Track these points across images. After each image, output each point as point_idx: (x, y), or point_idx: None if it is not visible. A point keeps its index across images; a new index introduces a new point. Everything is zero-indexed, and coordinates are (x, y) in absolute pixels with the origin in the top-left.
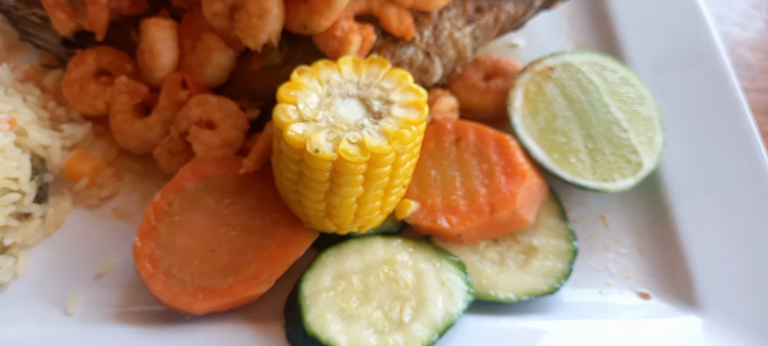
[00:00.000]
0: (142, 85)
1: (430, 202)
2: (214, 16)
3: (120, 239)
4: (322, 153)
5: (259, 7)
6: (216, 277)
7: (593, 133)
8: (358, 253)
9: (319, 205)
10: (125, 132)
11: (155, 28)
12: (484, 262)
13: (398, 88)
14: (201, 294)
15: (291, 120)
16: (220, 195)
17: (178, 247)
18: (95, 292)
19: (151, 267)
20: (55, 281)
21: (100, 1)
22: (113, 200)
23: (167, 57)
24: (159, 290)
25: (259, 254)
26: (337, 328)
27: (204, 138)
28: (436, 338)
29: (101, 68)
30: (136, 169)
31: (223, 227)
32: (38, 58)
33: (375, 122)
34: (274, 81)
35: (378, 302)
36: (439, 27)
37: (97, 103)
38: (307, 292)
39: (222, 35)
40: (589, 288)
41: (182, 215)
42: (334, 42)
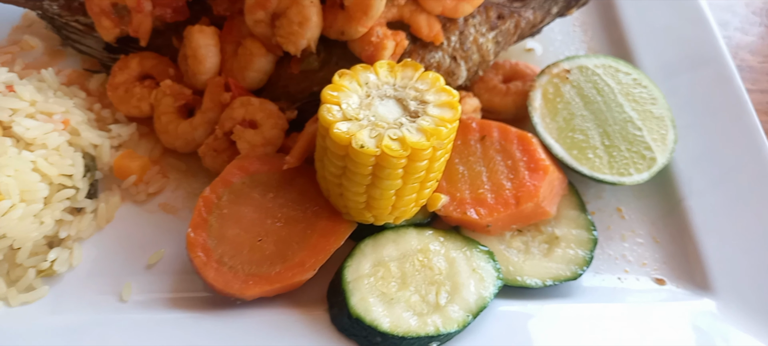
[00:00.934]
0: (185, 88)
1: (459, 195)
2: (256, 23)
3: (168, 232)
4: (367, 149)
5: (300, 15)
6: (264, 265)
7: (609, 131)
8: (394, 242)
9: (360, 197)
10: (171, 132)
11: (200, 34)
12: (511, 250)
13: (432, 89)
14: (251, 280)
15: (336, 119)
16: (265, 190)
17: (228, 237)
18: (147, 281)
19: (205, 256)
20: (108, 271)
21: (145, 10)
22: (159, 196)
23: (210, 62)
24: (213, 278)
25: (303, 244)
26: (380, 310)
27: (248, 137)
28: (470, 319)
29: (144, 72)
30: (180, 167)
31: (269, 219)
32: (80, 63)
33: (412, 120)
34: (311, 84)
35: (415, 287)
36: (464, 33)
37: (142, 105)
38: (350, 278)
39: (263, 41)
40: (608, 274)
41: (230, 207)
42: (370, 47)
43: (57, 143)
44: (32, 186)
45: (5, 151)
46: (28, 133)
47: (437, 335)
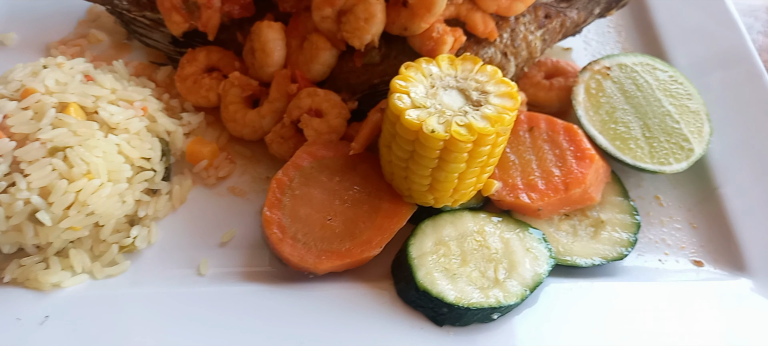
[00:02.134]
0: (252, 80)
1: (511, 181)
2: (323, 19)
3: (237, 213)
4: (437, 133)
5: (367, 12)
6: (335, 242)
7: (649, 123)
8: (452, 224)
9: (425, 180)
10: (238, 121)
11: (268, 29)
12: (559, 233)
13: (491, 81)
14: (324, 256)
15: (406, 106)
16: (331, 173)
17: (300, 216)
18: (222, 257)
19: (280, 233)
20: (184, 248)
21: (214, 6)
22: (228, 180)
23: (278, 55)
24: (288, 253)
25: (369, 223)
26: (445, 284)
27: (314, 125)
28: (528, 293)
29: (211, 65)
30: (246, 153)
31: (336, 201)
32: (145, 56)
33: (476, 109)
34: (371, 77)
35: (474, 264)
36: (515, 30)
37: (210, 96)
38: (414, 254)
39: (328, 36)
40: (650, 255)
41: (301, 189)
42: (431, 42)
43: (138, 128)
44: (118, 167)
45: (93, 134)
46: (113, 118)
47: (499, 306)
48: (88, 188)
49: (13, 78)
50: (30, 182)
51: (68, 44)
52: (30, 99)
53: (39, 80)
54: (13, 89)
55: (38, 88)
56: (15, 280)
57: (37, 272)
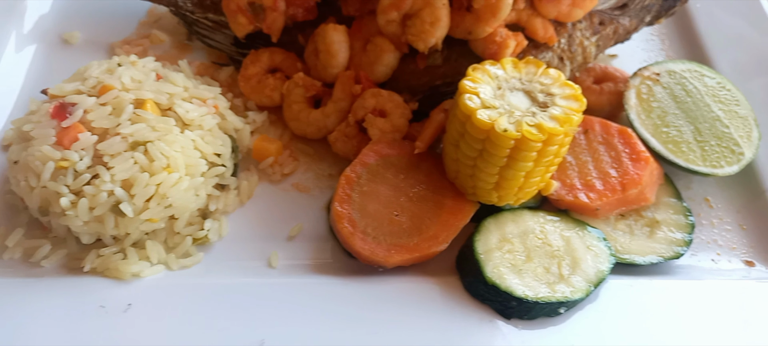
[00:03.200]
0: (315, 81)
1: (569, 181)
2: (389, 23)
3: (303, 208)
4: (509, 132)
5: (433, 16)
6: (403, 236)
7: (700, 128)
8: (513, 222)
9: (492, 178)
10: (302, 120)
11: (334, 32)
12: (616, 232)
13: (556, 84)
14: (393, 250)
15: (477, 106)
16: (396, 171)
17: (369, 211)
18: (290, 250)
19: (351, 227)
20: (254, 241)
21: (279, 9)
22: (292, 176)
23: (342, 56)
24: (359, 246)
25: (434, 220)
26: (512, 279)
27: (379, 124)
28: (592, 289)
29: (273, 66)
30: (308, 152)
31: (402, 197)
32: (206, 56)
33: (543, 110)
34: (432, 79)
35: (538, 260)
36: (572, 36)
37: (274, 95)
38: (481, 250)
39: (392, 39)
40: (703, 255)
41: (368, 185)
42: (494, 46)
43: (210, 125)
44: (194, 162)
45: (171, 130)
46: (188, 115)
47: (566, 301)
48: (167, 181)
49: (90, 75)
50: (113, 175)
51: (132, 44)
52: (108, 95)
53: (115, 77)
54: (90, 86)
55: (115, 84)
56: (95, 269)
57: (116, 262)
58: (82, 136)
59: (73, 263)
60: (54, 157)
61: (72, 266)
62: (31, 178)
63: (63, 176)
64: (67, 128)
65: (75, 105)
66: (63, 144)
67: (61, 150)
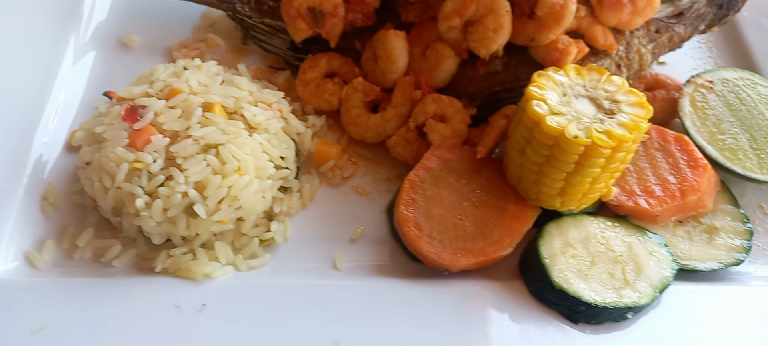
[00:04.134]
0: (374, 86)
1: (628, 187)
2: (450, 29)
3: (364, 211)
4: (580, 139)
5: (496, 23)
6: (468, 241)
7: (755, 135)
8: (575, 227)
9: (557, 183)
10: (361, 124)
11: (395, 38)
12: (675, 238)
13: (620, 91)
14: (459, 254)
15: (546, 113)
16: (458, 176)
17: (433, 215)
18: (353, 253)
19: (417, 231)
20: (317, 243)
21: (339, 14)
22: (351, 180)
23: (402, 62)
24: (426, 250)
25: (498, 224)
26: (579, 284)
27: (440, 129)
28: (657, 294)
29: (331, 71)
30: (366, 155)
31: (465, 202)
32: (261, 61)
33: (610, 117)
34: (491, 84)
35: (602, 266)
36: (630, 43)
37: (333, 100)
38: (546, 255)
39: (452, 45)
40: (761, 262)
41: (432, 189)
42: (556, 53)
43: (276, 129)
44: (263, 165)
45: (240, 133)
46: (255, 118)
47: (633, 306)
48: (238, 183)
49: (158, 78)
50: (187, 177)
51: (189, 48)
52: (176, 98)
53: (182, 81)
54: (157, 89)
55: (183, 88)
56: (166, 269)
57: (187, 262)
58: (155, 139)
59: (142, 263)
60: (128, 158)
61: (142, 266)
62: (106, 179)
63: (137, 178)
64: (139, 130)
65: (145, 107)
66: (136, 146)
67: (134, 152)
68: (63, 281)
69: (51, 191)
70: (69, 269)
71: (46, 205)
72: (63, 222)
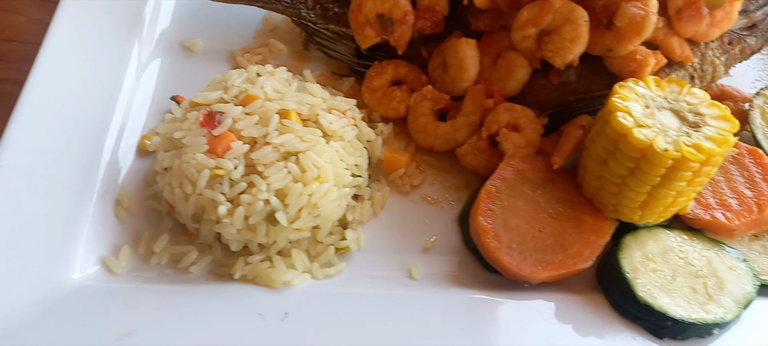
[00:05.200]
0: (443, 94)
1: (705, 200)
2: (524, 39)
3: (434, 220)
4: (669, 152)
5: (573, 33)
6: (548, 253)
7: None
8: (652, 240)
9: (640, 196)
10: (430, 132)
11: (466, 46)
12: (752, 253)
13: (702, 104)
14: (540, 266)
15: (632, 125)
16: (533, 186)
17: (511, 226)
18: (427, 262)
19: (497, 242)
20: (391, 252)
21: (408, 22)
22: (420, 188)
23: (473, 71)
24: (507, 261)
25: (576, 236)
26: (664, 298)
27: (513, 139)
28: (741, 311)
29: (397, 78)
30: (434, 163)
31: (541, 213)
32: (323, 67)
33: (696, 130)
34: (563, 94)
35: (683, 280)
36: (705, 55)
37: (400, 107)
38: (627, 268)
39: (525, 54)
40: None
41: (508, 200)
42: (634, 63)
43: (350, 136)
44: (341, 172)
45: (318, 141)
46: (331, 126)
47: (720, 322)
48: (318, 191)
49: (232, 84)
50: (269, 184)
51: (252, 53)
52: (253, 105)
53: (257, 87)
54: (233, 94)
55: (258, 94)
56: (244, 277)
57: (265, 270)
58: (235, 145)
59: (219, 269)
60: (209, 165)
61: (218, 272)
62: (186, 185)
63: (219, 184)
64: (218, 137)
65: (223, 113)
66: (216, 152)
67: (214, 158)
68: (144, 287)
69: (125, 195)
70: (146, 275)
71: (121, 210)
72: (137, 227)
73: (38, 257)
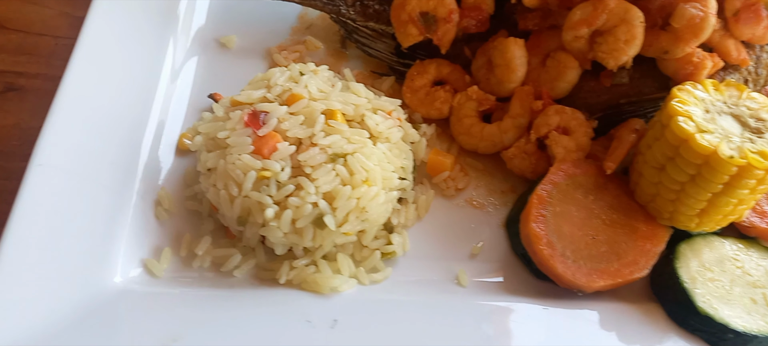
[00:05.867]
0: (489, 95)
1: (760, 208)
2: (576, 39)
3: (480, 225)
4: (735, 159)
5: (629, 34)
6: (603, 261)
7: None
8: (707, 248)
9: (700, 204)
10: (474, 134)
11: (514, 46)
12: None
13: (763, 109)
14: (595, 274)
15: (694, 130)
16: (585, 192)
17: (565, 233)
18: (475, 268)
19: (550, 249)
20: (437, 258)
21: (454, 20)
22: (465, 192)
23: (521, 71)
24: (561, 270)
25: (631, 244)
26: (725, 309)
27: (563, 142)
28: None
29: (440, 78)
30: (477, 166)
31: (594, 219)
32: (362, 65)
33: (759, 136)
34: (613, 97)
35: (741, 290)
36: (760, 58)
37: (444, 108)
38: (685, 278)
39: (576, 55)
40: None
41: (560, 205)
42: (690, 66)
43: (397, 138)
44: (389, 175)
45: (366, 142)
46: (378, 127)
47: None
48: (367, 194)
49: (275, 82)
50: (318, 187)
51: (288, 50)
52: (298, 104)
53: (301, 86)
54: (276, 93)
55: (303, 93)
56: (290, 282)
57: (312, 275)
58: (281, 146)
59: (262, 273)
60: (255, 166)
61: (262, 276)
62: (232, 186)
63: (266, 186)
64: (264, 137)
65: (268, 113)
66: (262, 153)
67: (260, 159)
68: (188, 291)
69: (165, 196)
70: (188, 278)
71: (161, 211)
72: (177, 228)
73: (80, 259)
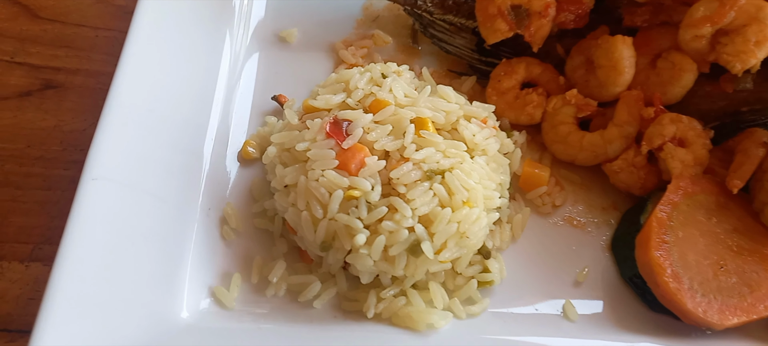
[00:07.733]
0: (589, 99)
1: None
2: (696, 39)
3: (582, 247)
4: None
5: (761, 34)
6: (734, 294)
7: None
8: None
9: None
10: (572, 143)
11: (624, 45)
12: None
13: None
14: (728, 311)
15: None
16: (707, 213)
17: (690, 262)
18: (581, 299)
19: (676, 282)
20: (538, 286)
21: (549, 15)
22: (562, 208)
23: (629, 73)
24: (691, 306)
25: (763, 274)
26: None
27: (680, 156)
28: None
29: (529, 79)
30: (574, 179)
31: (719, 246)
32: (436, 62)
33: None
34: (731, 104)
35: None
36: None
37: (536, 113)
38: None
39: (694, 56)
40: None
41: (683, 229)
42: None
43: (494, 150)
44: (490, 194)
45: (464, 157)
46: (474, 138)
47: None
48: (468, 217)
49: (356, 86)
50: (414, 209)
51: (355, 46)
52: (384, 112)
53: (385, 90)
54: (357, 98)
55: (389, 99)
56: (378, 315)
57: (404, 309)
58: (369, 161)
59: (345, 304)
60: (342, 185)
61: (345, 307)
62: (316, 208)
63: (355, 208)
64: (349, 150)
65: (351, 122)
66: (348, 169)
67: (347, 176)
68: (265, 327)
69: (232, 213)
70: (262, 309)
71: (228, 230)
72: (246, 249)
73: (142, 289)
